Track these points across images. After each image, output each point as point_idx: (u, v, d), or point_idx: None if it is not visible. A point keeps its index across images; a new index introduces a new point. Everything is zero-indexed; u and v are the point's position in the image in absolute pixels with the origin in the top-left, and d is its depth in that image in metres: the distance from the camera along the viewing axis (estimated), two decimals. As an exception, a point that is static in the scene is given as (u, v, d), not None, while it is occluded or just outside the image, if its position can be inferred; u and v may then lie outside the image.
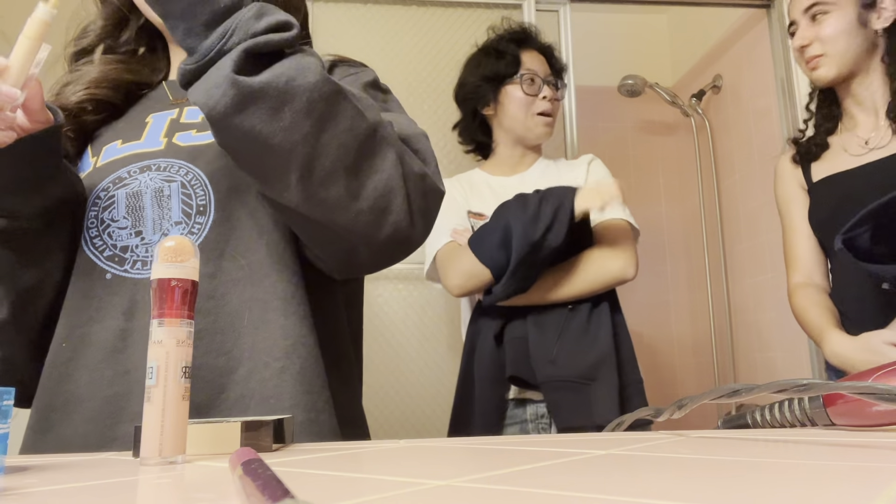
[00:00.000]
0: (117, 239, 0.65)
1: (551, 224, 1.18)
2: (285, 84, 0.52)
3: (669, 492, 0.25)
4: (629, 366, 1.24)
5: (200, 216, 0.65)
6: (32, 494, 0.30)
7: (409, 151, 0.62)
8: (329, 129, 0.54)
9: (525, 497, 0.25)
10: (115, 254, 0.64)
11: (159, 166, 0.67)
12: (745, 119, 2.30)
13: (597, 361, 1.20)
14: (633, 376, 1.24)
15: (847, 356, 1.10)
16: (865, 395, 0.41)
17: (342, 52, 0.76)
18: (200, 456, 0.45)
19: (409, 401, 1.71)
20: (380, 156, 0.57)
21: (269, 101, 0.52)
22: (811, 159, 1.28)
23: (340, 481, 0.31)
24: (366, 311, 1.75)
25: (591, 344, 1.22)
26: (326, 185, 0.55)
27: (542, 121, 1.39)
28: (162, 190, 0.65)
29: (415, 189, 0.60)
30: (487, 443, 0.49)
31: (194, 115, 0.72)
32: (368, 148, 0.57)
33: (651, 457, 0.37)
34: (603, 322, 1.24)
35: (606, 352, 1.20)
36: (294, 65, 0.53)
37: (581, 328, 1.23)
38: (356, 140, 0.55)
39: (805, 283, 1.25)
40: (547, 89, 1.40)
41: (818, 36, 1.23)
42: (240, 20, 0.52)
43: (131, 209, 0.65)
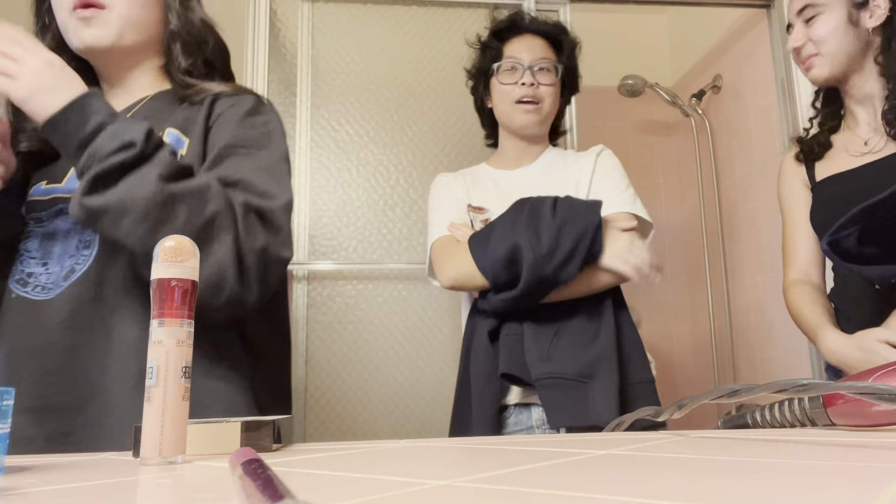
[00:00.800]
0: (26, 265, 0.79)
1: (567, 260, 1.11)
2: (119, 202, 0.67)
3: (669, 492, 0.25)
4: (636, 364, 1.17)
5: (86, 249, 0.79)
6: (32, 494, 0.30)
7: (253, 228, 0.73)
8: (163, 228, 0.67)
9: (525, 497, 0.25)
10: (21, 278, 0.79)
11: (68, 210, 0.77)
12: (745, 119, 2.30)
13: (596, 359, 1.13)
14: (642, 375, 1.17)
15: (842, 354, 1.10)
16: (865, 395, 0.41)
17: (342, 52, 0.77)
18: (200, 456, 0.45)
19: (409, 401, 1.71)
20: (216, 242, 0.70)
21: (109, 215, 0.67)
22: (815, 158, 1.29)
23: (340, 481, 0.31)
24: (366, 311, 1.76)
25: (590, 340, 1.16)
26: None
27: (520, 108, 1.31)
28: (70, 231, 0.80)
29: (253, 263, 0.73)
30: (487, 443, 0.49)
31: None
32: (204, 237, 0.69)
33: (651, 457, 0.37)
34: (605, 319, 1.17)
35: (607, 349, 1.14)
36: (133, 183, 0.67)
37: (580, 325, 1.17)
38: (191, 233, 0.67)
39: (801, 281, 1.26)
40: (528, 75, 1.30)
41: (810, 37, 1.24)
42: (97, 146, 0.68)
43: (43, 244, 0.80)
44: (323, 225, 1.77)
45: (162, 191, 0.67)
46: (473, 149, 1.81)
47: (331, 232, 1.78)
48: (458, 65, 1.88)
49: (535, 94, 1.31)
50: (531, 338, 1.16)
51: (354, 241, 1.78)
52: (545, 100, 1.32)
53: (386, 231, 1.80)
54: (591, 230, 1.12)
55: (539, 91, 1.31)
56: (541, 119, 1.32)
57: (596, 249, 1.13)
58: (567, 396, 1.11)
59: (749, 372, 2.28)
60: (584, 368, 1.12)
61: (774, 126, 2.08)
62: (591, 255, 1.13)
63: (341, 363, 1.70)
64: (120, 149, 0.67)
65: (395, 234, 1.80)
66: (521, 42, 1.34)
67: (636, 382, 1.15)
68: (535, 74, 1.31)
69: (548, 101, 1.32)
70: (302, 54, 1.82)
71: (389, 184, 1.83)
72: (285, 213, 0.78)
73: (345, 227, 1.79)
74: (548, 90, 1.32)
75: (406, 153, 1.85)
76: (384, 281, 1.76)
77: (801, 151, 1.31)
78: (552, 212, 1.15)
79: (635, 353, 1.18)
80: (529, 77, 1.30)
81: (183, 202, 0.68)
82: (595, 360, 1.13)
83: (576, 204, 1.17)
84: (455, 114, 1.86)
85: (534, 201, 1.18)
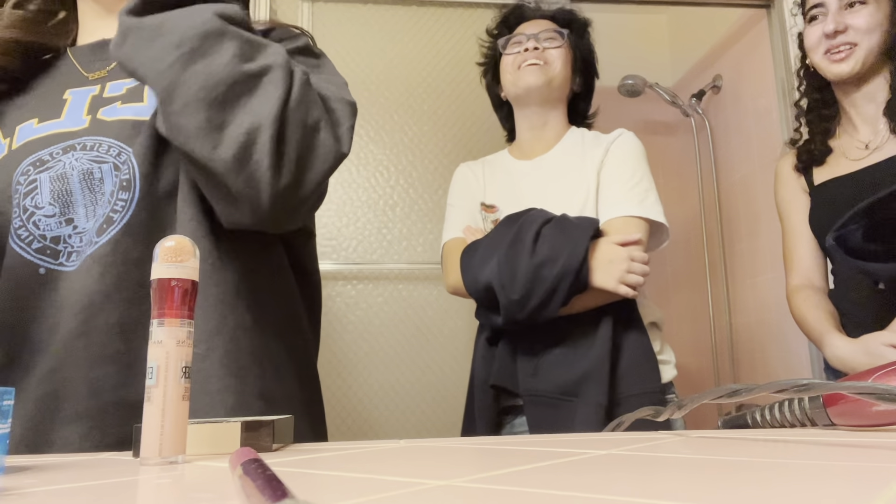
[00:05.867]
0: (45, 228, 0.60)
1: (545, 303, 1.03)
2: (159, 23, 0.56)
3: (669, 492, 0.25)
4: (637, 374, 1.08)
5: (124, 191, 0.61)
6: (32, 494, 0.30)
7: (308, 99, 0.59)
8: (198, 62, 0.55)
9: (525, 497, 0.25)
10: (45, 245, 0.59)
11: (84, 145, 0.62)
12: (745, 119, 2.30)
13: (582, 376, 1.05)
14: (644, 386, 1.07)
15: (847, 359, 1.10)
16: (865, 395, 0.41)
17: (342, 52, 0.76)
18: (200, 456, 0.45)
19: (409, 401, 1.71)
20: (256, 96, 0.56)
21: (143, 34, 0.56)
22: (815, 165, 1.26)
23: (340, 481, 0.31)
24: (366, 311, 1.76)
25: (580, 356, 1.08)
26: (185, 113, 0.55)
27: (526, 71, 1.25)
28: (91, 172, 0.61)
29: (296, 138, 0.57)
30: (488, 443, 0.49)
31: (117, 88, 0.67)
32: (245, 87, 0.56)
33: (651, 457, 0.37)
34: (601, 332, 1.08)
35: (595, 366, 1.05)
36: (178, 12, 0.57)
37: (574, 339, 1.10)
38: (230, 76, 0.55)
39: (804, 286, 1.25)
40: (532, 41, 1.26)
41: (851, 24, 1.16)
42: None
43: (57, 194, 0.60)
44: (323, 225, 1.77)
45: (210, 20, 0.56)
46: (473, 149, 1.81)
47: (330, 232, 1.78)
48: (458, 65, 1.88)
49: (539, 57, 1.25)
50: (523, 350, 1.12)
51: (354, 241, 1.79)
52: (553, 62, 1.25)
53: (386, 231, 1.80)
54: (574, 265, 1.03)
55: (545, 53, 1.25)
56: (547, 78, 1.24)
57: (581, 282, 1.05)
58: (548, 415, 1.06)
59: (749, 372, 2.28)
60: (570, 386, 1.06)
61: (774, 126, 2.08)
62: (577, 289, 1.06)
63: (341, 363, 1.70)
64: None
65: (395, 234, 1.80)
66: (527, 24, 1.31)
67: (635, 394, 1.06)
68: (541, 41, 1.27)
69: (556, 64, 1.25)
70: (302, 54, 1.82)
71: (389, 184, 1.83)
72: (351, 109, 0.66)
73: (345, 227, 1.79)
74: (555, 53, 1.26)
75: (406, 153, 1.85)
76: (384, 281, 1.76)
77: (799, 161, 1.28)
78: (533, 244, 1.06)
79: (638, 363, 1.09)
80: (533, 43, 1.26)
81: (233, 40, 0.57)
82: (581, 377, 1.06)
83: (566, 228, 1.07)
84: (455, 114, 1.86)
85: (521, 224, 1.10)
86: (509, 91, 1.31)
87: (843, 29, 1.17)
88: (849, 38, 1.16)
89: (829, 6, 1.19)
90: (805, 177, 1.28)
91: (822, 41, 1.20)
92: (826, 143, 1.26)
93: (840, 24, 1.16)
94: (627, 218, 1.13)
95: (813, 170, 1.27)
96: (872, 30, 1.15)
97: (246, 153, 0.55)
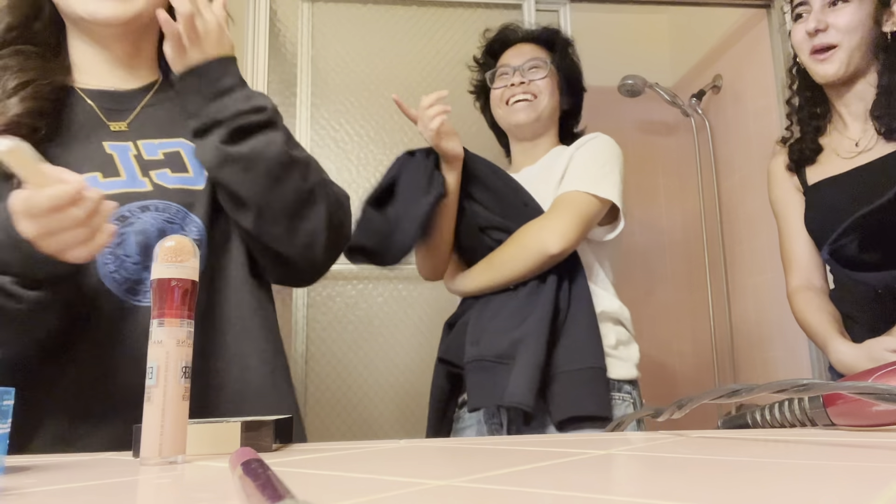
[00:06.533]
0: (132, 273, 0.74)
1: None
2: (251, 153, 0.75)
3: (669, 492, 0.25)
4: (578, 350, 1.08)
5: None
6: (32, 494, 0.30)
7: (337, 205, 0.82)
8: (279, 186, 0.76)
9: (525, 497, 0.25)
10: (131, 286, 0.74)
11: (157, 207, 0.76)
12: (745, 119, 2.30)
13: (519, 338, 1.07)
14: (584, 361, 1.08)
15: (852, 364, 1.09)
16: (865, 395, 0.41)
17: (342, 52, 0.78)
18: (200, 456, 0.45)
19: (409, 401, 1.71)
20: (314, 209, 0.79)
21: (240, 164, 0.75)
22: (806, 163, 1.26)
23: (340, 481, 0.31)
24: (366, 311, 1.76)
25: (520, 322, 1.09)
26: (272, 223, 0.77)
27: (515, 108, 1.30)
28: (165, 230, 0.76)
29: (333, 236, 0.82)
30: (488, 443, 0.49)
31: (152, 150, 0.79)
32: (305, 202, 0.78)
33: (651, 457, 0.37)
34: (542, 298, 1.10)
35: (533, 329, 1.06)
36: (262, 141, 0.76)
37: (515, 308, 1.12)
38: (298, 196, 0.77)
39: (804, 287, 1.24)
40: (517, 75, 1.30)
41: (832, 23, 1.15)
42: (230, 103, 0.76)
43: (141, 247, 0.74)
44: (323, 225, 1.77)
45: (286, 153, 0.76)
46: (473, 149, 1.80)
47: (331, 232, 1.78)
48: (458, 65, 1.88)
49: (527, 90, 1.29)
50: (472, 324, 1.16)
51: (354, 241, 1.78)
52: (540, 94, 1.29)
53: (386, 231, 1.80)
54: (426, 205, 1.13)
55: (531, 86, 1.29)
56: (537, 114, 1.29)
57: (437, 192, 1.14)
58: (486, 378, 1.08)
59: (749, 372, 2.28)
60: (507, 349, 1.07)
61: (774, 126, 2.07)
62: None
63: (341, 363, 1.70)
64: (253, 111, 0.76)
65: (395, 234, 1.80)
66: (512, 51, 1.36)
67: (574, 369, 1.07)
68: (525, 73, 1.31)
69: (544, 96, 1.30)
70: (302, 54, 1.82)
71: (389, 184, 1.83)
72: (349, 203, 0.88)
73: (345, 227, 1.79)
74: (541, 84, 1.30)
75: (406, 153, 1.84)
76: (384, 281, 1.76)
77: (790, 160, 1.27)
78: None
79: (581, 339, 1.10)
80: (519, 77, 1.30)
81: (297, 167, 0.77)
82: (519, 340, 1.07)
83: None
84: (455, 114, 1.86)
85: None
86: (500, 123, 1.37)
87: (824, 28, 1.15)
88: (829, 37, 1.15)
89: (813, 4, 1.18)
90: (798, 176, 1.27)
91: (805, 40, 1.19)
92: (817, 142, 1.25)
93: (821, 23, 1.15)
94: (570, 192, 1.17)
95: (806, 168, 1.26)
96: (854, 29, 1.14)
97: (309, 249, 0.79)
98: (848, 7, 1.14)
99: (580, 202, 1.15)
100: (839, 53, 1.15)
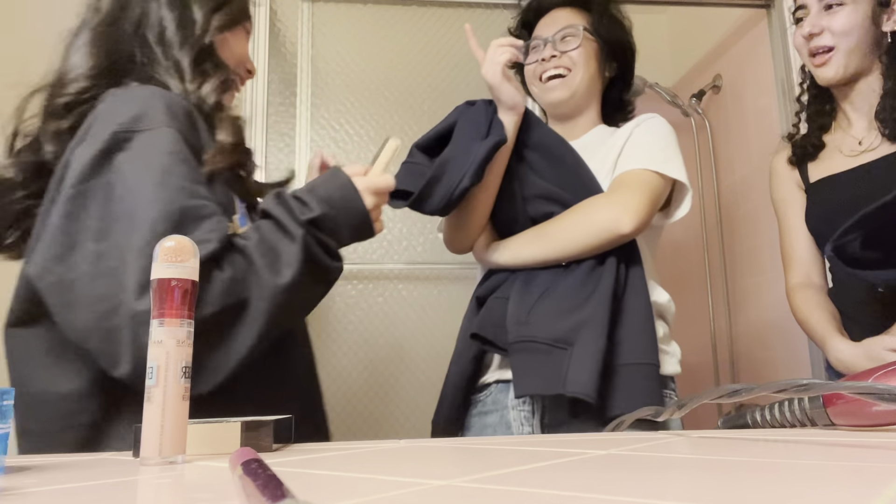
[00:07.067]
0: None
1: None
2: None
3: (669, 492, 0.25)
4: (635, 343, 1.00)
5: None
6: (32, 494, 0.30)
7: None
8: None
9: (525, 497, 0.25)
10: None
11: None
12: (745, 119, 2.30)
13: (580, 323, 0.97)
14: (640, 357, 0.99)
15: (850, 363, 1.10)
16: (865, 395, 0.41)
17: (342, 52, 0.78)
18: (200, 456, 0.45)
19: (410, 401, 1.71)
20: None
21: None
22: (808, 159, 1.27)
23: (340, 481, 0.31)
24: (366, 311, 1.76)
25: (579, 304, 0.99)
26: None
27: (547, 86, 1.19)
28: None
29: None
30: (488, 443, 0.49)
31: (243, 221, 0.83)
32: None
33: (651, 457, 0.37)
34: (603, 282, 1.00)
35: (596, 314, 0.97)
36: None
37: (572, 288, 1.02)
38: None
39: (804, 284, 1.25)
40: (549, 48, 1.19)
41: (829, 27, 1.16)
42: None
43: None
44: (323, 225, 1.77)
45: None
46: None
47: (331, 232, 1.78)
48: (458, 65, 1.88)
49: (559, 64, 1.18)
50: (515, 300, 1.03)
51: (354, 241, 1.78)
52: (574, 67, 1.18)
53: (386, 231, 1.80)
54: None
55: (564, 59, 1.18)
56: (571, 91, 1.18)
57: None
58: (538, 362, 0.97)
59: (749, 372, 2.28)
60: (565, 333, 0.97)
61: (774, 126, 2.07)
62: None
63: (341, 363, 1.70)
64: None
65: (394, 234, 1.80)
66: (546, 19, 1.24)
67: (631, 363, 0.98)
68: (558, 45, 1.19)
69: (579, 70, 1.18)
70: (302, 54, 1.82)
71: (389, 184, 1.83)
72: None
73: (345, 227, 1.79)
74: (575, 55, 1.18)
75: (406, 153, 1.84)
76: (384, 281, 1.76)
77: (793, 154, 1.28)
78: None
79: (638, 331, 1.01)
80: (550, 50, 1.19)
81: None
82: (579, 324, 0.97)
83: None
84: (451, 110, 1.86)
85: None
86: (537, 100, 1.27)
87: (819, 31, 1.17)
88: (824, 40, 1.16)
89: (810, 8, 1.19)
90: (800, 172, 1.27)
91: (804, 43, 1.20)
92: (820, 138, 1.25)
93: (816, 27, 1.17)
94: (636, 170, 1.07)
95: (808, 166, 1.26)
96: (850, 31, 1.15)
97: None
98: (843, 10, 1.15)
99: (648, 180, 1.06)
100: (836, 57, 1.16)
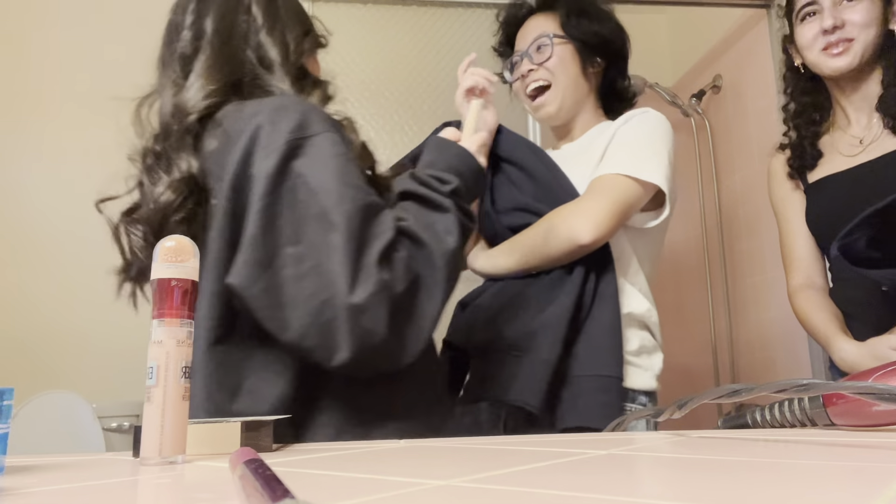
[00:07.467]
0: None
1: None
2: None
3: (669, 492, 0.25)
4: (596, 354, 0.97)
5: None
6: (32, 494, 0.30)
7: None
8: None
9: (525, 497, 0.25)
10: None
11: None
12: (745, 119, 2.30)
13: (534, 330, 0.95)
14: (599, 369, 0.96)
15: (855, 363, 1.09)
16: (865, 395, 0.41)
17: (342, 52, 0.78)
18: (200, 456, 0.45)
19: (409, 401, 1.71)
20: None
21: None
22: (807, 170, 1.25)
23: (340, 481, 0.31)
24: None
25: (539, 311, 0.98)
26: None
27: (534, 104, 1.20)
28: None
29: None
30: (487, 443, 0.49)
31: None
32: None
33: (651, 457, 0.37)
34: (566, 291, 0.99)
35: (550, 321, 0.95)
36: None
37: (534, 296, 1.01)
38: None
39: (805, 285, 1.24)
40: (525, 63, 1.18)
41: (847, 19, 1.15)
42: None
43: None
44: (323, 225, 1.77)
45: None
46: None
47: (331, 232, 1.78)
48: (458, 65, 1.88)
49: (538, 77, 1.17)
50: (483, 307, 1.05)
51: (354, 241, 1.78)
52: (553, 78, 1.17)
53: (386, 231, 1.79)
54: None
55: (540, 72, 1.17)
56: (557, 104, 1.18)
57: None
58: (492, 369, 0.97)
59: (749, 372, 2.28)
60: (519, 340, 0.96)
61: (774, 126, 2.07)
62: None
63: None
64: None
65: (395, 234, 1.79)
66: (521, 32, 1.23)
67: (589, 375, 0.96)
68: (534, 57, 1.18)
69: (559, 78, 1.17)
70: (302, 54, 1.82)
71: (389, 184, 1.83)
72: None
73: (345, 227, 1.79)
74: (551, 65, 1.16)
75: (406, 153, 1.84)
76: (384, 281, 1.76)
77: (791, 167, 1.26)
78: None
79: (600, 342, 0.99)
80: (528, 63, 1.18)
81: None
82: (534, 332, 0.96)
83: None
84: (455, 114, 1.86)
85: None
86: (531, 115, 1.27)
87: (841, 24, 1.16)
88: (846, 33, 1.15)
89: (823, 3, 1.18)
90: (799, 175, 1.27)
91: (818, 38, 1.18)
92: (816, 147, 1.24)
93: (838, 20, 1.15)
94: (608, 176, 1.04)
95: None
96: (869, 24, 1.15)
97: None
98: (861, 3, 1.15)
99: (618, 187, 1.03)
100: (855, 46, 1.15)
